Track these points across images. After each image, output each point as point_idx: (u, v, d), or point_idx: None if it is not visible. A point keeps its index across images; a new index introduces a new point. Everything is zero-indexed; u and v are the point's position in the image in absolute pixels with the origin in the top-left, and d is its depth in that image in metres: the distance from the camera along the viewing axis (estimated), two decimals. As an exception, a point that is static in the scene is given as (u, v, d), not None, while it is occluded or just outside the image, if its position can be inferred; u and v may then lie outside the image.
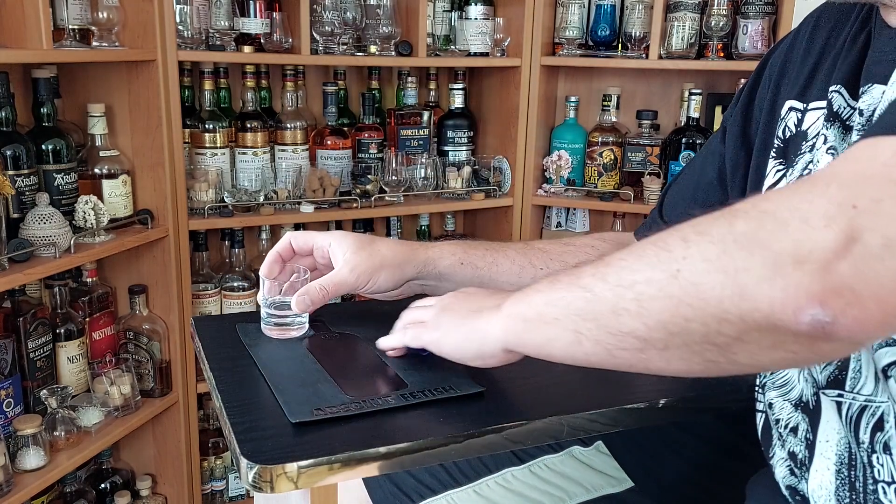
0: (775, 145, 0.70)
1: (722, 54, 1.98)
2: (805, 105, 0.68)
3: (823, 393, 0.62)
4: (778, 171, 0.68)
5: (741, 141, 0.78)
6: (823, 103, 0.66)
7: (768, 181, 0.69)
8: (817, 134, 0.65)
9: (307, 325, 0.89)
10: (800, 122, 0.68)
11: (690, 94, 2.00)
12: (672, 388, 0.83)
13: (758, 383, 0.70)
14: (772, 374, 0.67)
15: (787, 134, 0.69)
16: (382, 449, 0.66)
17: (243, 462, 0.64)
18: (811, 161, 0.65)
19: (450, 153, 2.11)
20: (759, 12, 1.93)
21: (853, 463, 0.60)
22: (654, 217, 0.92)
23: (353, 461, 0.65)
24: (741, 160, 0.77)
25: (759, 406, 0.70)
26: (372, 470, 0.67)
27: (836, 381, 0.61)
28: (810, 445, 0.63)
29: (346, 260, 0.83)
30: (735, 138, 0.79)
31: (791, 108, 0.69)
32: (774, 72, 0.75)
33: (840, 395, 0.60)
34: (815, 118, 0.67)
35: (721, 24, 1.94)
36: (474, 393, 0.76)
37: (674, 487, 1.02)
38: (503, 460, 0.97)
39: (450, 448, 0.69)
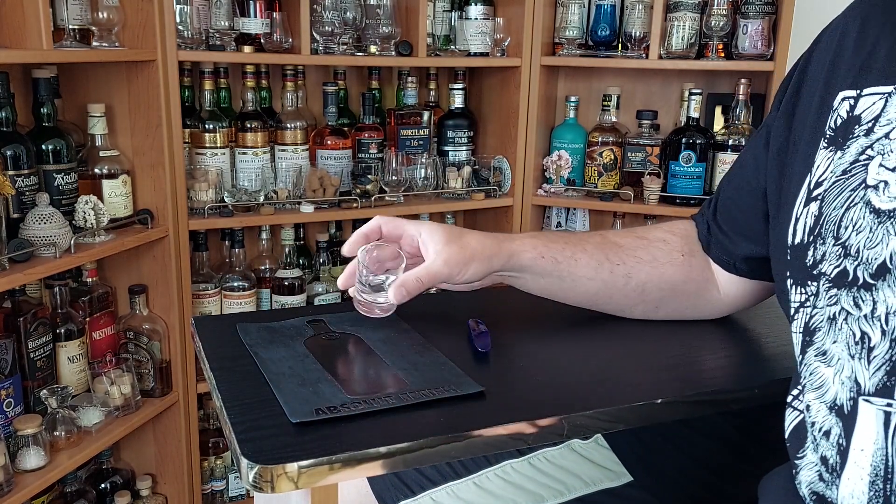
0: (827, 136, 0.67)
1: (722, 54, 1.98)
2: (858, 91, 0.66)
3: (867, 400, 0.59)
4: (828, 158, 0.66)
5: (784, 147, 0.75)
6: (887, 88, 0.63)
7: (819, 171, 0.66)
8: (875, 118, 0.63)
9: (393, 308, 0.90)
10: (852, 108, 0.66)
11: (690, 94, 2.00)
12: (673, 386, 0.83)
13: (800, 384, 0.68)
14: (810, 374, 0.65)
15: (839, 122, 0.67)
16: (383, 449, 0.66)
17: (243, 462, 0.64)
18: (869, 146, 0.62)
19: (450, 153, 2.11)
20: (759, 12, 1.93)
21: (889, 477, 0.58)
22: (709, 218, 0.91)
23: (353, 461, 0.65)
24: (779, 168, 0.75)
25: (797, 407, 0.68)
26: (373, 469, 0.67)
27: (885, 389, 0.58)
28: (842, 451, 0.61)
29: (438, 251, 0.84)
30: (778, 145, 0.76)
31: (844, 98, 0.67)
32: (823, 69, 0.72)
33: (889, 405, 0.58)
34: (871, 102, 0.64)
35: (721, 23, 1.94)
36: (474, 393, 0.76)
37: (672, 482, 1.02)
38: (503, 453, 0.98)
39: (450, 447, 0.69)
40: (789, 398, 0.69)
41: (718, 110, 2.17)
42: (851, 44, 0.70)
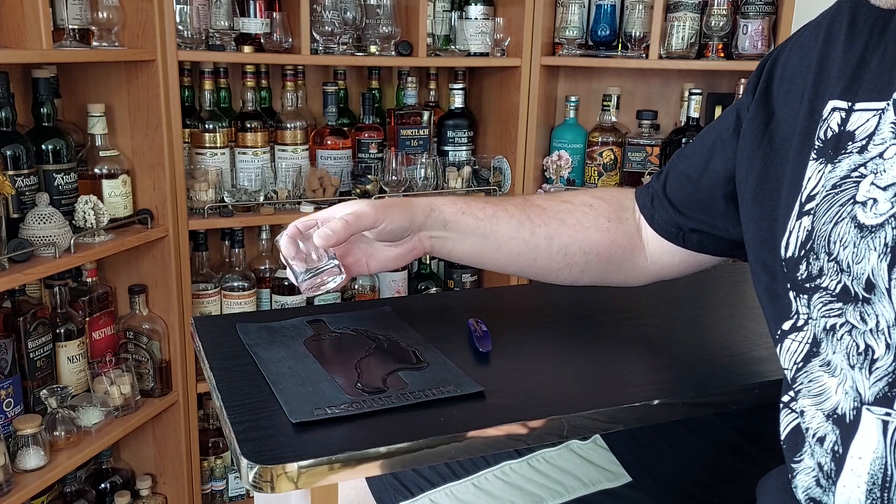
0: (815, 147, 0.67)
1: (722, 54, 1.98)
2: (850, 104, 0.65)
3: (868, 409, 0.59)
4: (819, 171, 0.66)
5: (759, 140, 0.74)
6: (880, 105, 0.62)
7: (810, 185, 0.66)
8: (870, 136, 0.62)
9: (342, 276, 0.87)
10: (844, 121, 0.65)
11: (690, 94, 2.00)
12: (672, 387, 0.84)
13: (793, 389, 0.68)
14: (809, 382, 0.65)
15: (829, 134, 0.66)
16: (383, 449, 0.66)
17: (243, 462, 0.64)
18: (862, 164, 0.62)
19: (450, 153, 2.11)
20: (759, 12, 1.93)
21: (888, 485, 0.58)
22: (656, 190, 0.90)
23: (353, 461, 0.65)
24: (755, 164, 0.74)
25: (792, 410, 0.68)
26: (372, 469, 0.67)
27: (885, 399, 0.58)
28: (838, 459, 0.61)
29: (362, 202, 0.85)
30: (753, 138, 0.75)
31: (834, 109, 0.66)
32: (809, 70, 0.71)
33: (888, 414, 0.58)
34: (865, 119, 0.63)
35: (721, 23, 1.94)
36: (474, 393, 0.77)
37: (671, 483, 1.02)
38: (502, 454, 0.98)
39: (450, 447, 0.69)
40: (785, 399, 0.69)
41: (718, 110, 2.17)
42: (840, 48, 0.68)
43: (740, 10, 1.95)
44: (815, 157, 0.67)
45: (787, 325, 0.68)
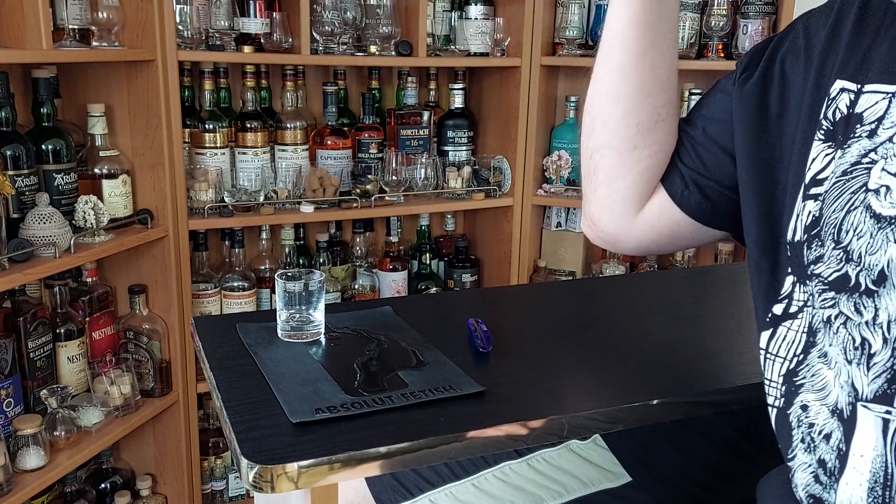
0: (823, 127, 0.66)
1: (722, 54, 1.98)
2: (859, 86, 0.64)
3: (865, 406, 0.59)
4: (826, 154, 0.64)
5: (756, 105, 0.73)
6: (890, 88, 0.62)
7: (816, 166, 0.65)
8: (879, 119, 0.61)
9: (321, 333, 0.90)
10: (852, 103, 0.64)
11: (690, 94, 2.00)
12: (672, 387, 0.84)
13: (776, 379, 0.68)
14: (812, 376, 0.64)
15: (838, 116, 0.65)
16: (383, 448, 0.66)
17: (243, 462, 0.64)
18: (872, 150, 0.61)
19: (450, 153, 2.11)
20: (759, 12, 1.93)
21: (889, 483, 0.58)
22: None
23: (353, 461, 0.66)
24: (751, 130, 0.72)
25: (772, 406, 0.68)
26: (373, 469, 0.67)
27: (885, 396, 0.58)
28: (842, 456, 0.61)
29: None
30: (750, 102, 0.73)
31: (842, 89, 0.65)
32: (817, 46, 0.69)
33: (888, 412, 0.58)
34: (873, 101, 0.62)
35: (721, 23, 1.95)
36: (474, 393, 0.77)
37: (671, 483, 1.02)
38: (501, 454, 0.98)
39: (450, 447, 0.69)
40: (773, 401, 0.69)
41: (718, 110, 2.16)
42: (850, 27, 0.67)
43: (740, 10, 1.95)
44: (821, 138, 0.66)
45: (778, 310, 0.67)
